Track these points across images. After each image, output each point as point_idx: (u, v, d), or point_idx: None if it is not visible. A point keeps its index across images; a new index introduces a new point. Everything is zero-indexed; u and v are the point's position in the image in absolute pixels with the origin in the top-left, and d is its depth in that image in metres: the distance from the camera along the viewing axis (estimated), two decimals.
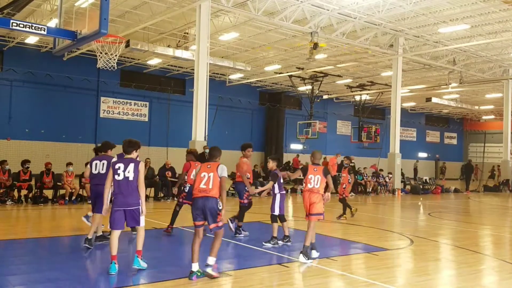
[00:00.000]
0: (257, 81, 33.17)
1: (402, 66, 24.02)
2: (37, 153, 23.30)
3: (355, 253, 8.22)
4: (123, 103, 29.33)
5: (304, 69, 27.91)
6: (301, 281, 6.33)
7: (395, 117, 23.67)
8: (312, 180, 7.32)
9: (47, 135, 25.88)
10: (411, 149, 42.36)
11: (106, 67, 12.25)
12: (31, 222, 11.34)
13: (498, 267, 7.46)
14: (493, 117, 45.31)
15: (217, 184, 6.07)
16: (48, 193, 14.25)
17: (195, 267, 5.89)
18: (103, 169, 7.68)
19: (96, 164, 7.85)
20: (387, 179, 22.74)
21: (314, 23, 19.44)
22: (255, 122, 35.69)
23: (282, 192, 8.43)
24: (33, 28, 9.37)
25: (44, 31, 9.40)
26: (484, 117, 47.50)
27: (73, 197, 14.16)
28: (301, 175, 7.61)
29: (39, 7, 18.94)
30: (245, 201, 8.93)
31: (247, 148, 9.09)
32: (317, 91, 30.89)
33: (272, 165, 8.58)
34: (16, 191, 13.91)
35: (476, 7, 18.10)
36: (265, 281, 6.15)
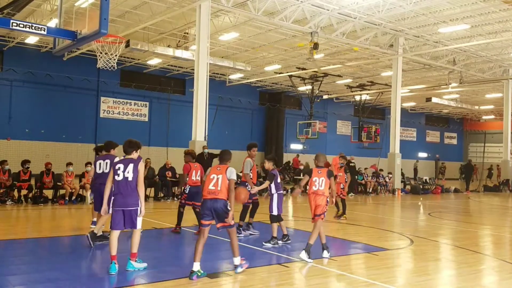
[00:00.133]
0: (257, 81, 33.17)
1: (402, 66, 24.02)
2: (37, 153, 23.32)
3: (355, 253, 8.21)
4: (123, 103, 29.34)
5: (305, 69, 27.89)
6: (301, 281, 6.32)
7: (395, 117, 23.68)
8: (316, 182, 7.43)
9: (47, 135, 25.89)
10: (411, 149, 42.37)
11: (106, 67, 12.26)
12: (31, 222, 11.33)
13: (498, 267, 7.45)
14: (493, 117, 45.32)
15: (225, 186, 6.13)
16: (48, 193, 14.25)
17: (196, 267, 5.89)
18: (106, 168, 7.75)
19: (100, 163, 7.96)
20: (387, 179, 22.73)
21: (314, 23, 19.44)
22: (255, 122, 35.70)
23: (279, 192, 8.45)
24: (33, 28, 9.37)
25: (44, 31, 9.40)
26: (484, 117, 47.51)
27: (73, 197, 14.17)
28: (307, 179, 7.68)
29: (39, 7, 18.94)
30: (248, 201, 8.92)
31: (252, 147, 9.15)
32: (317, 91, 30.89)
33: (268, 166, 8.58)
34: (16, 191, 13.91)
35: (476, 7, 18.11)
36: (265, 281, 6.14)
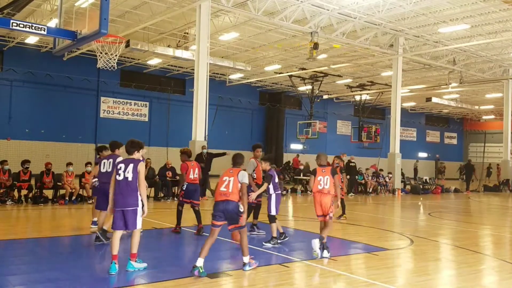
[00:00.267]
0: (257, 81, 33.16)
1: (402, 66, 24.01)
2: (37, 153, 23.31)
3: (355, 253, 8.21)
4: (123, 103, 29.33)
5: (305, 69, 27.90)
6: (301, 281, 6.32)
7: (395, 117, 23.67)
8: (321, 181, 7.53)
9: (47, 135, 25.89)
10: (411, 149, 42.36)
11: (106, 67, 12.26)
12: (31, 222, 11.33)
13: (498, 267, 7.45)
14: (493, 117, 45.31)
15: (236, 188, 6.25)
16: (48, 193, 14.25)
17: (199, 262, 5.95)
18: (110, 168, 7.88)
19: (104, 163, 8.13)
20: (387, 179, 22.73)
21: (314, 23, 19.44)
22: (255, 122, 35.69)
23: (277, 192, 8.48)
24: (33, 28, 9.37)
25: (44, 31, 9.40)
26: (484, 117, 47.50)
27: (73, 197, 14.16)
28: (313, 178, 7.73)
29: (39, 7, 18.94)
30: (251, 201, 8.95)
31: (256, 148, 9.25)
32: (317, 91, 30.88)
33: (265, 166, 8.59)
34: (16, 191, 13.90)
35: (476, 7, 18.11)
36: (265, 281, 6.14)
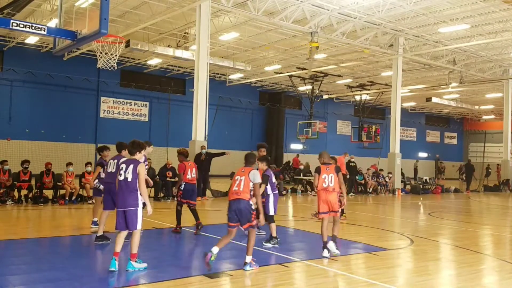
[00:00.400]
0: (257, 81, 33.17)
1: (402, 66, 24.01)
2: (37, 153, 23.32)
3: (355, 253, 8.21)
4: (123, 103, 29.34)
5: (307, 69, 27.86)
6: (301, 281, 6.32)
7: (395, 117, 23.67)
8: (326, 179, 7.57)
9: (47, 135, 25.89)
10: (411, 149, 42.37)
11: (106, 67, 12.25)
12: (31, 222, 11.32)
13: (498, 267, 7.45)
14: (493, 117, 45.31)
15: (247, 187, 6.38)
16: (48, 193, 14.24)
17: (215, 250, 6.15)
18: (114, 168, 7.98)
19: (110, 163, 8.26)
20: (387, 179, 22.73)
21: (314, 23, 19.44)
22: (255, 122, 35.70)
23: (275, 192, 8.47)
24: (33, 28, 9.36)
25: (44, 31, 9.38)
26: (484, 117, 47.50)
27: (73, 197, 14.16)
28: (317, 177, 7.73)
29: (39, 7, 18.95)
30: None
31: (260, 148, 9.27)
32: (317, 91, 30.89)
33: (262, 166, 8.53)
34: (16, 191, 13.90)
35: (476, 7, 18.11)
36: (265, 281, 6.14)
